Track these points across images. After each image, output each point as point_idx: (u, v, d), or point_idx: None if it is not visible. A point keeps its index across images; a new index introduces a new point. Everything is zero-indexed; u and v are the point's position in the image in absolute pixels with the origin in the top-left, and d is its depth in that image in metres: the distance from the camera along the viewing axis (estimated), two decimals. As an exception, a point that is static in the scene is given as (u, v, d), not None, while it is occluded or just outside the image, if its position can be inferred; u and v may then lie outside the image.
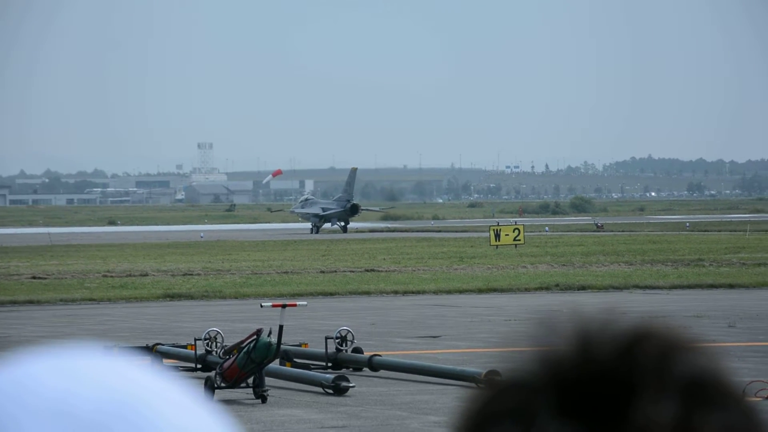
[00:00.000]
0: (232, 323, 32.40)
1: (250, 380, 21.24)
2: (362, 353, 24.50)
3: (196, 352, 24.23)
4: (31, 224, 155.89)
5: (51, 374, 1.47)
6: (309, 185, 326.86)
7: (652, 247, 69.65)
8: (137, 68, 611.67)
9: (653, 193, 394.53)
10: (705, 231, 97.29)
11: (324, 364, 24.49)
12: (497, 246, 70.30)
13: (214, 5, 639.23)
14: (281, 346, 21.71)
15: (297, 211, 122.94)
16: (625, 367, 1.36)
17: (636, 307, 35.70)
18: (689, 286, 44.51)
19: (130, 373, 1.50)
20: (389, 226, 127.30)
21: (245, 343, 21.25)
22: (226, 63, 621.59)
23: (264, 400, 20.92)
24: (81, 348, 1.50)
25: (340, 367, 24.26)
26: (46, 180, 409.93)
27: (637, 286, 44.57)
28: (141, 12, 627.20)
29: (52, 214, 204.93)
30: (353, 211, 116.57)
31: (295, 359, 24.36)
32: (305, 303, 25.60)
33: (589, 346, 1.39)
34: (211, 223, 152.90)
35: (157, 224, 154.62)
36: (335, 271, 53.58)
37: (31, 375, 1.47)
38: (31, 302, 41.41)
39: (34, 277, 51.62)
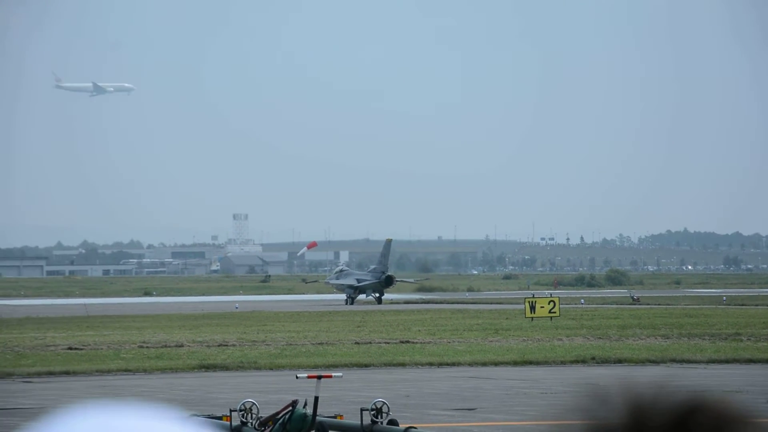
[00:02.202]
0: (267, 394, 32.36)
1: (286, 452, 21.15)
2: (398, 425, 24.39)
3: (231, 423, 24.20)
4: (67, 295, 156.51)
5: None
6: (344, 256, 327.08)
7: (688, 320, 69.22)
8: (173, 140, 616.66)
9: (689, 267, 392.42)
10: (742, 305, 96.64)
11: (359, 436, 24.38)
12: (532, 318, 69.99)
13: (248, 80, 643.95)
14: (316, 417, 21.67)
15: (332, 282, 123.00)
16: None
17: (674, 381, 35.42)
18: (727, 361, 44.16)
19: None
20: (424, 297, 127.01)
21: (281, 415, 21.22)
22: (262, 135, 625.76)
23: (299, 471, 20.83)
24: (120, 408, 1.54)
25: (375, 439, 24.14)
26: (83, 251, 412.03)
27: (674, 360, 44.25)
28: (179, 81, 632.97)
29: (88, 285, 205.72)
30: (388, 282, 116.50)
31: (330, 431, 24.29)
32: (341, 374, 25.55)
33: (642, 419, 1.39)
34: (246, 294, 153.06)
35: (192, 295, 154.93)
36: (370, 343, 53.47)
37: None
38: (67, 373, 41.51)
39: (70, 348, 51.76)
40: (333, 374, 24.10)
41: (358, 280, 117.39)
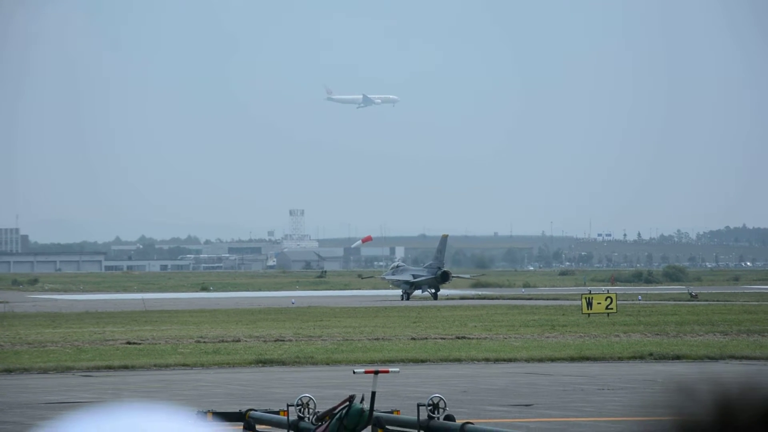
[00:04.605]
0: (324, 389, 32.47)
1: (343, 447, 21.22)
2: (454, 421, 24.36)
3: (288, 418, 24.29)
4: (125, 290, 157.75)
5: None
6: (399, 252, 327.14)
7: (748, 317, 68.66)
8: (230, 135, 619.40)
9: (748, 263, 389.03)
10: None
11: (416, 431, 24.41)
12: (589, 314, 69.70)
13: (297, 78, 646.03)
14: (373, 412, 21.71)
15: (388, 277, 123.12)
16: None
17: (734, 378, 35.17)
18: (786, 357, 43.76)
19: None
20: (480, 293, 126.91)
21: (338, 410, 21.29)
22: (318, 132, 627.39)
23: (356, 466, 20.90)
24: (134, 408, 1.57)
25: (432, 434, 24.14)
26: (141, 246, 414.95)
27: (733, 357, 43.92)
28: (239, 80, 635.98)
29: (146, 280, 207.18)
30: (444, 278, 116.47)
31: (387, 426, 24.31)
32: (398, 369, 25.56)
33: (730, 414, 1.39)
34: (303, 290, 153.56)
35: (249, 290, 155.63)
36: (426, 338, 53.50)
37: None
38: (125, 367, 41.85)
39: (128, 343, 52.18)
40: (390, 369, 24.11)
41: (414, 276, 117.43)
